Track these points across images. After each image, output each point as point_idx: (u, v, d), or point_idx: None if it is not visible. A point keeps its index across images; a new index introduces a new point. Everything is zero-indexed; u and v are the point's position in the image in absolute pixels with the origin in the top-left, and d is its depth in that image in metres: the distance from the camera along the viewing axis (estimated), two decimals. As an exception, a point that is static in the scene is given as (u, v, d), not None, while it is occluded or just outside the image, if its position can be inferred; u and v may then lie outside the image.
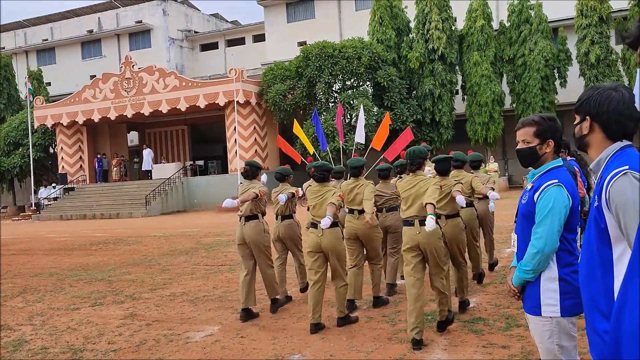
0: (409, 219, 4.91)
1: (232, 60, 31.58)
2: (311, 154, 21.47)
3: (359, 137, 19.87)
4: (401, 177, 6.32)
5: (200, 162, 29.31)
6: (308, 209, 5.96)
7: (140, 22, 37.26)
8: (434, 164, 5.67)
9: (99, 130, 31.33)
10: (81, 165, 30.34)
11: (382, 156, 17.46)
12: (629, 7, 22.27)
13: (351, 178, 6.16)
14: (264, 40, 34.02)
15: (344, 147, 21.96)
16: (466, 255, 6.24)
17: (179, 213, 25.10)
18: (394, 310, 5.96)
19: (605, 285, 1.90)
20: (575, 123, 2.08)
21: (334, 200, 5.33)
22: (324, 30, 30.41)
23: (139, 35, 37.77)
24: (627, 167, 1.85)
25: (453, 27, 24.56)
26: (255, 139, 26.26)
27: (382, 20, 24.86)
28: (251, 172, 6.37)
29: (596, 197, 1.93)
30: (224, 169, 27.95)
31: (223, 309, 6.50)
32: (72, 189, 28.70)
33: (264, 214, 6.24)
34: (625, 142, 2.00)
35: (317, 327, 5.35)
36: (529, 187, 2.62)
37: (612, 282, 1.89)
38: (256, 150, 26.28)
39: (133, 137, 34.07)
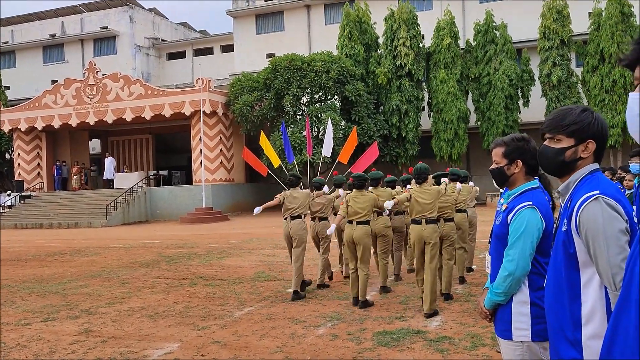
0: (417, 219, 6.39)
1: (199, 69, 31.30)
2: (275, 167, 21.35)
3: (326, 150, 19.88)
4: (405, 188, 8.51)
5: (164, 172, 28.78)
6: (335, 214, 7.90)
7: (106, 27, 36.57)
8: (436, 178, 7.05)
9: (59, 136, 30.44)
10: (39, 173, 29.38)
11: (348, 170, 17.50)
12: (589, 32, 23.04)
13: (370, 187, 7.72)
14: (233, 50, 33.82)
15: (311, 160, 21.91)
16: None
17: (141, 223, 24.53)
18: (359, 328, 5.87)
19: (572, 311, 1.87)
20: (567, 146, 2.02)
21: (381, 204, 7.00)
22: (293, 43, 30.45)
23: (104, 41, 37.04)
24: (598, 191, 1.83)
25: (421, 45, 24.91)
26: (221, 150, 25.96)
27: (351, 35, 25.04)
28: (295, 181, 7.97)
29: (565, 221, 1.90)
30: (188, 180, 27.50)
31: (183, 325, 6.28)
32: (29, 196, 27.73)
33: (305, 215, 7.93)
34: (595, 166, 1.99)
35: (356, 300, 6.80)
36: (504, 208, 2.58)
37: (579, 308, 1.86)
38: (222, 162, 25.97)
39: (95, 145, 33.25)
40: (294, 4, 31.85)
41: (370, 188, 7.74)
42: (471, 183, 8.88)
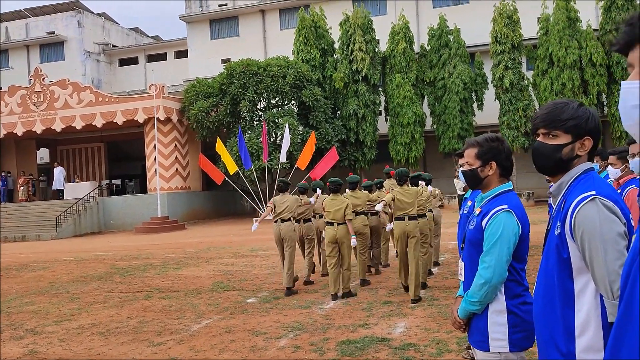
0: (400, 216, 7.11)
1: (152, 75, 30.57)
2: (231, 173, 20.97)
3: (282, 155, 19.66)
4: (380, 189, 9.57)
5: (118, 181, 27.93)
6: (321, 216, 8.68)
7: (53, 33, 35.31)
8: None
9: (4, 146, 29.11)
10: (-17, 184, 28.02)
11: (307, 175, 17.35)
12: (539, 36, 23.66)
13: (348, 190, 8.59)
14: (187, 56, 33.23)
15: (268, 165, 21.66)
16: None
17: (94, 235, 23.67)
18: (322, 337, 5.68)
19: (565, 321, 1.73)
20: (564, 143, 1.88)
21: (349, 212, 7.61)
22: (249, 48, 30.13)
23: (51, 47, 35.75)
24: (594, 192, 1.70)
25: (376, 49, 25.03)
26: (177, 157, 25.37)
27: (307, 40, 24.93)
28: (284, 187, 8.42)
29: (558, 224, 1.75)
30: (143, 188, 26.70)
31: (137, 342, 5.95)
32: (-28, 209, 26.38)
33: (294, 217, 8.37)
34: (589, 165, 1.85)
35: (335, 296, 7.40)
36: (477, 211, 2.43)
37: (572, 317, 1.71)
38: (177, 169, 25.38)
39: (43, 154, 31.96)
40: (248, 9, 31.56)
41: (347, 191, 8.57)
42: (430, 187, 9.03)
